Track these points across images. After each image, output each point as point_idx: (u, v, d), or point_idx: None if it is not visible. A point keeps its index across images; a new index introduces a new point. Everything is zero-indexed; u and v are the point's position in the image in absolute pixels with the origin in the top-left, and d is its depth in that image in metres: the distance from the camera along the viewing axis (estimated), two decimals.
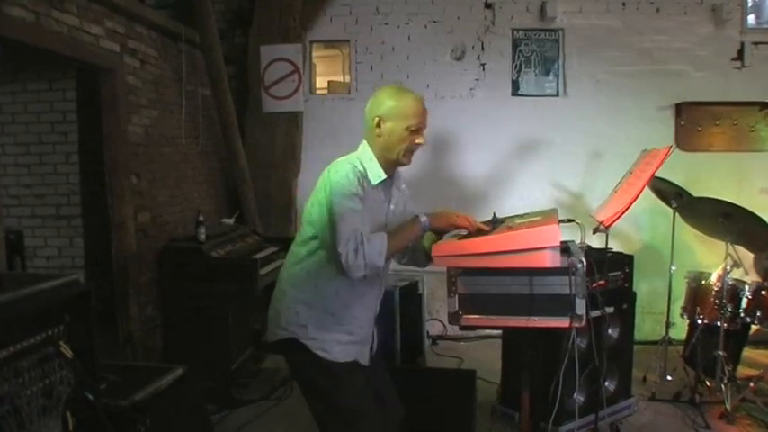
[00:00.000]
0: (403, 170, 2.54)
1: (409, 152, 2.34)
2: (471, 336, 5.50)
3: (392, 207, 2.44)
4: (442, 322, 5.59)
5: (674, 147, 3.82)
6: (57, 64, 4.32)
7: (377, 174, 2.31)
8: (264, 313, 2.50)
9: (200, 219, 4.33)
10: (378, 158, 2.32)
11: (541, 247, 2.03)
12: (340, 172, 2.22)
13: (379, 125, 2.29)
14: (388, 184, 2.40)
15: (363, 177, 2.26)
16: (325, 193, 2.22)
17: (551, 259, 2.04)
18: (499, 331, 4.32)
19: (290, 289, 2.37)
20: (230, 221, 5.13)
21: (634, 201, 3.40)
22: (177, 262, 4.27)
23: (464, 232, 2.34)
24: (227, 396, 4.17)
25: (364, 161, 2.32)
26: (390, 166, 2.36)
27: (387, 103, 2.29)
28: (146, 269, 4.41)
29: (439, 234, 2.41)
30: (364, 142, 2.37)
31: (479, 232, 2.27)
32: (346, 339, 2.35)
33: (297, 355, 2.35)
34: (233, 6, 6.00)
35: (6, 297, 1.75)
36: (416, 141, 2.31)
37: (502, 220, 2.47)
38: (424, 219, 2.27)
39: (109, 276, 4.23)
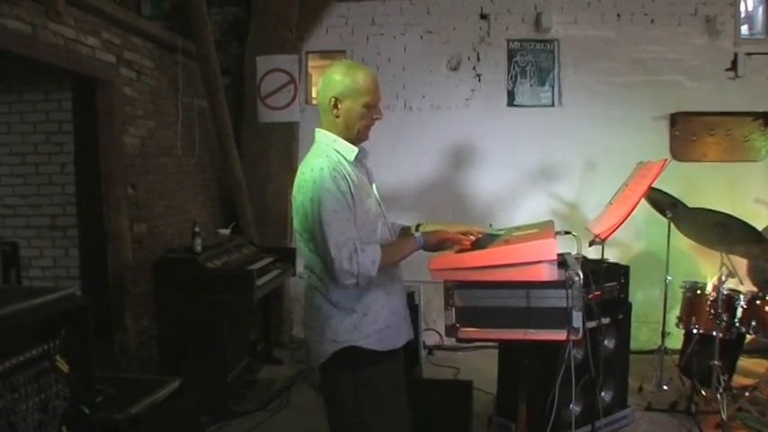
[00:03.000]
0: (398, 177, 2.56)
1: (367, 127, 2.30)
2: (467, 346, 5.49)
3: (374, 185, 2.41)
4: (438, 332, 5.59)
5: (669, 160, 3.84)
6: (53, 74, 4.32)
7: (349, 150, 2.26)
8: (260, 323, 2.49)
9: (196, 230, 4.32)
10: (339, 138, 2.28)
11: (538, 260, 2.04)
12: (315, 173, 2.15)
13: (336, 106, 2.23)
14: (362, 158, 2.35)
15: (339, 163, 2.21)
16: (303, 197, 2.18)
17: (548, 273, 2.05)
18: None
19: (324, 302, 2.27)
20: (226, 232, 5.12)
21: (629, 214, 3.42)
22: (173, 273, 4.24)
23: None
24: (222, 407, 4.15)
25: (331, 146, 2.27)
26: (352, 143, 2.29)
27: (341, 82, 2.21)
28: (141, 280, 4.40)
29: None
30: (320, 130, 2.32)
31: (476, 245, 2.28)
32: (394, 319, 2.34)
33: (344, 370, 2.28)
34: (229, 17, 6.02)
35: (2, 312, 1.74)
36: (375, 117, 2.29)
37: (498, 233, 2.47)
38: (417, 235, 2.29)
39: (104, 287, 4.22)
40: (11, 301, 1.79)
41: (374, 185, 2.43)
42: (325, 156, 2.21)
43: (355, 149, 2.27)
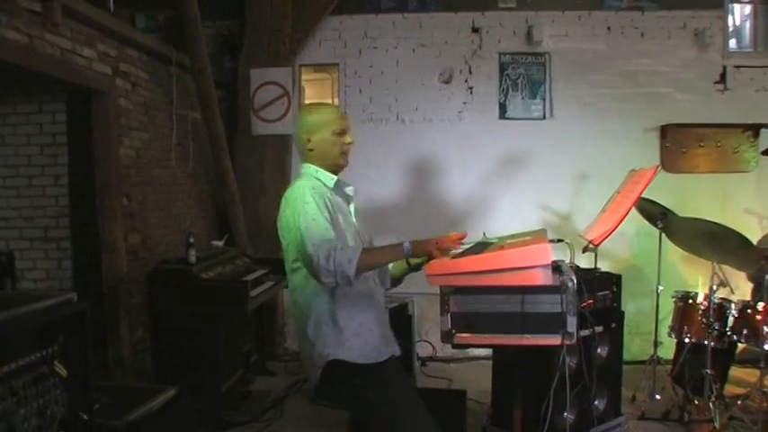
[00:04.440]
0: (391, 189, 2.59)
1: (343, 153, 2.53)
2: (460, 357, 5.50)
3: (352, 209, 2.60)
4: (431, 344, 5.60)
5: (660, 167, 3.88)
6: (46, 86, 4.33)
7: (329, 178, 2.50)
8: (253, 335, 2.51)
9: (191, 241, 4.33)
10: (321, 169, 2.51)
11: (534, 265, 2.05)
12: (296, 190, 2.38)
13: (309, 140, 2.49)
14: (341, 186, 2.55)
15: (321, 187, 2.43)
16: (289, 211, 2.36)
17: (543, 277, 2.06)
18: (489, 352, 4.33)
19: (310, 323, 2.42)
20: (220, 244, 5.13)
21: (622, 220, 3.45)
22: (167, 284, 4.25)
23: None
24: (216, 418, 4.13)
25: (313, 175, 2.50)
26: (332, 171, 2.52)
27: (309, 120, 2.51)
28: (136, 291, 4.40)
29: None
30: (304, 164, 2.56)
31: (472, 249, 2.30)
32: (376, 336, 2.43)
33: (345, 379, 2.38)
34: (223, 31, 6.04)
35: (2, 316, 1.74)
36: (346, 141, 2.52)
37: (492, 241, 2.49)
38: (407, 244, 2.32)
39: (97, 298, 4.20)
40: (10, 307, 1.80)
41: (352, 209, 2.61)
42: (307, 181, 2.44)
43: (333, 177, 2.51)
